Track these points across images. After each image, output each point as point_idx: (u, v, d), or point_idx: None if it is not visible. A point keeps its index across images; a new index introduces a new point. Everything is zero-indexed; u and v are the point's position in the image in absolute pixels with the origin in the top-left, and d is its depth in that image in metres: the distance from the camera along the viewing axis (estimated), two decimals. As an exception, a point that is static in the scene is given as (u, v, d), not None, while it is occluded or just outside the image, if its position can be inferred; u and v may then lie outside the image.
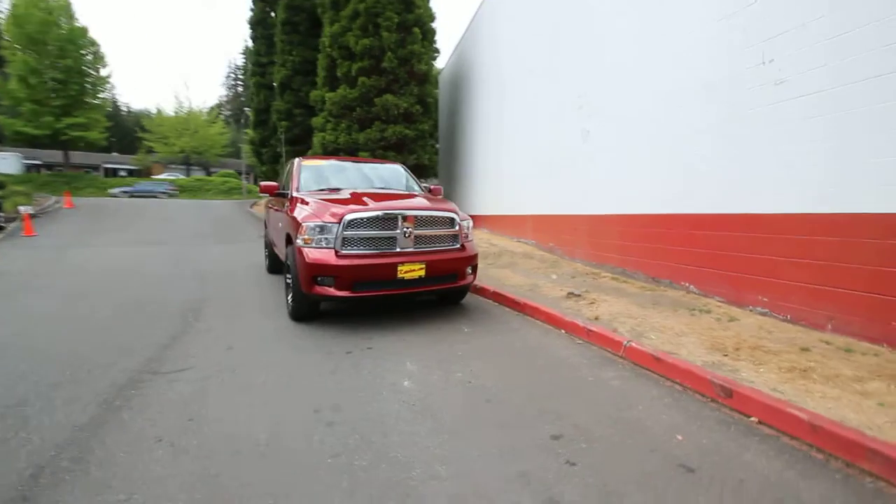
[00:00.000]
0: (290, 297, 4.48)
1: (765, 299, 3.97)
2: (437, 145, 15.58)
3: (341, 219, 3.92)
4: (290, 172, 5.63)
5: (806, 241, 3.63)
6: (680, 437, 2.23)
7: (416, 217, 4.16)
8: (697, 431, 2.30)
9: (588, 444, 2.17)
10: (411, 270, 4.04)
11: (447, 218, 4.35)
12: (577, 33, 7.06)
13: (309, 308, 4.25)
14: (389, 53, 12.32)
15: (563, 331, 4.01)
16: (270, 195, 5.18)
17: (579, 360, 3.31)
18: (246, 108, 47.90)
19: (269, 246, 6.92)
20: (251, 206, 22.86)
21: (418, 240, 4.18)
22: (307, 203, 4.45)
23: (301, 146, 15.89)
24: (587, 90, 6.81)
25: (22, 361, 3.23)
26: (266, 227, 7.16)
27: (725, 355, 3.20)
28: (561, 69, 7.51)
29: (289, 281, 4.50)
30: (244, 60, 60.43)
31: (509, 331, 4.08)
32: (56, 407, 2.54)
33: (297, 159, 5.56)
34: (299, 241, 4.04)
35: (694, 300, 4.57)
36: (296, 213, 4.35)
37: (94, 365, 3.18)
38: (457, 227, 4.41)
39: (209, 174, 38.42)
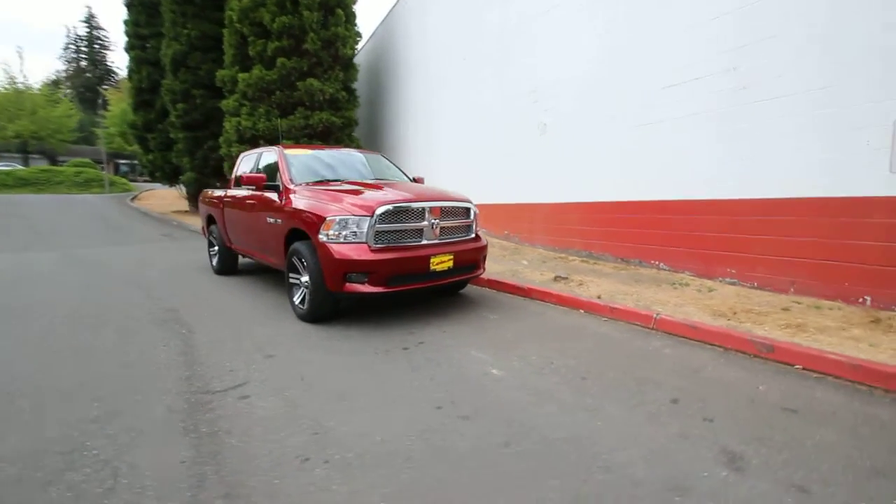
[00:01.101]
0: (297, 298, 4.16)
1: (733, 271, 4.73)
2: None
3: (373, 211, 3.74)
4: (267, 163, 5.14)
5: (767, 222, 4.42)
6: (762, 388, 2.66)
7: (441, 208, 4.13)
8: (769, 382, 2.75)
9: (704, 403, 2.48)
10: (442, 262, 4.03)
11: (465, 208, 4.39)
12: (530, 24, 7.44)
13: (330, 308, 3.99)
14: (312, 34, 11.59)
15: (581, 311, 4.33)
16: (257, 186, 4.66)
17: (622, 336, 3.65)
18: (104, 87, 40.89)
19: (219, 244, 6.21)
20: (131, 199, 19.87)
21: (443, 231, 4.16)
22: (314, 195, 4.14)
23: (202, 131, 14.19)
24: (540, 85, 7.24)
25: (36, 403, 2.58)
26: (216, 224, 6.40)
27: (729, 319, 3.79)
28: (512, 62, 7.84)
29: (296, 280, 4.16)
30: (89, 29, 51.27)
31: (533, 314, 4.28)
32: (139, 447, 2.12)
33: (277, 148, 5.08)
34: (323, 237, 3.77)
35: (669, 276, 5.25)
36: (307, 207, 4.02)
37: (126, 391, 2.67)
38: (471, 218, 4.47)
39: (56, 164, 32.19)
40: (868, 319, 3.50)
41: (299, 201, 4.19)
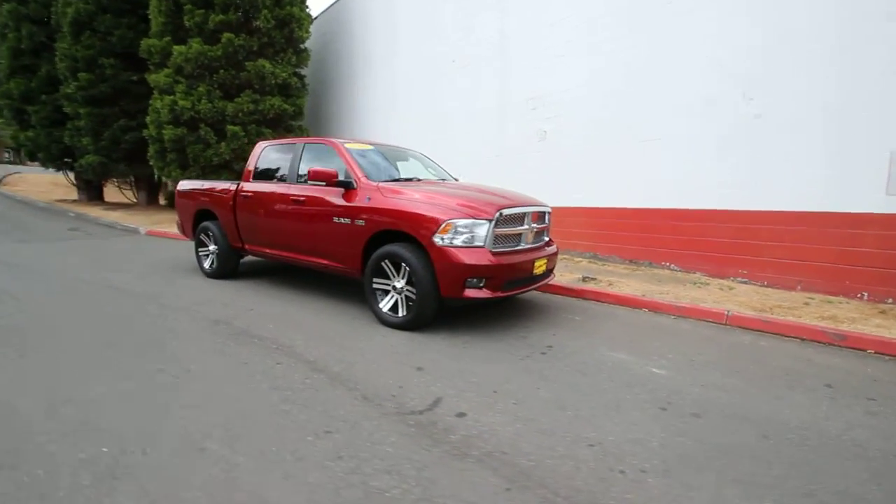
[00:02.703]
0: (385, 306, 3.93)
1: (745, 271, 5.54)
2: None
3: (493, 215, 3.69)
4: (313, 156, 4.69)
5: (776, 230, 5.27)
6: (870, 370, 3.24)
7: (537, 213, 4.20)
8: (861, 365, 3.35)
9: (851, 386, 2.96)
10: (540, 266, 4.11)
11: (548, 213, 4.50)
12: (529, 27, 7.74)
13: (433, 315, 3.82)
14: (266, 11, 10.59)
15: (644, 310, 4.73)
16: (329, 182, 4.21)
17: (709, 332, 4.07)
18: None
19: (221, 245, 5.48)
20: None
21: (535, 235, 4.23)
22: (415, 195, 3.92)
23: (111, 108, 12.06)
24: (541, 94, 7.59)
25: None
26: (214, 221, 5.61)
27: (766, 313, 4.47)
28: (511, 68, 8.07)
29: (384, 286, 3.92)
30: None
31: (609, 315, 4.54)
32: (436, 485, 1.90)
33: (333, 140, 4.65)
34: (439, 240, 3.60)
35: (685, 276, 5.93)
36: (411, 208, 3.79)
37: (327, 425, 2.33)
38: (548, 223, 4.60)
39: None
40: (876, 311, 4.41)
41: (392, 201, 3.92)
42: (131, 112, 12.13)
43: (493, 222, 3.68)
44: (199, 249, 5.92)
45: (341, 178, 4.25)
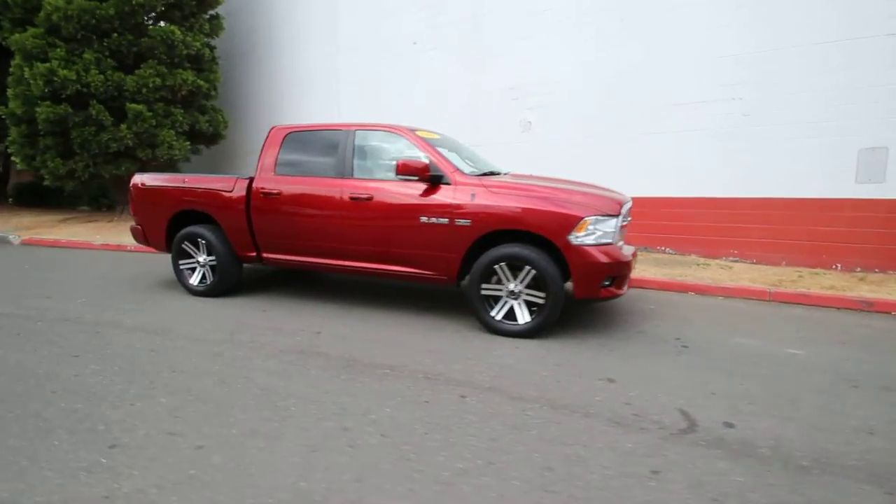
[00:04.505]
0: (499, 313, 3.58)
1: (735, 252, 6.28)
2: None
3: (620, 210, 3.56)
4: (368, 146, 4.03)
5: (763, 215, 6.07)
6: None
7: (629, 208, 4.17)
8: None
9: (930, 346, 3.54)
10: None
11: (626, 206, 4.50)
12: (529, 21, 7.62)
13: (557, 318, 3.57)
14: (174, -35, 8.69)
15: (691, 293, 5.06)
16: (422, 176, 3.58)
17: (764, 310, 4.52)
18: None
19: (222, 255, 4.43)
20: None
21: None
22: (528, 190, 3.57)
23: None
24: (524, 83, 7.58)
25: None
26: (210, 227, 4.49)
27: (777, 286, 5.15)
28: (489, 53, 7.87)
29: (496, 292, 3.56)
30: None
31: (668, 301, 4.74)
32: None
33: (404, 127, 3.99)
34: (574, 238, 3.36)
35: (683, 258, 6.50)
36: (535, 205, 3.44)
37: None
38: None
39: None
40: (857, 278, 5.37)
41: (511, 198, 3.51)
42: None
43: (620, 217, 3.56)
44: (181, 262, 4.67)
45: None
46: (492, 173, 4.18)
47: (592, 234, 3.40)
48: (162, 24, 9.26)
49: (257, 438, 2.11)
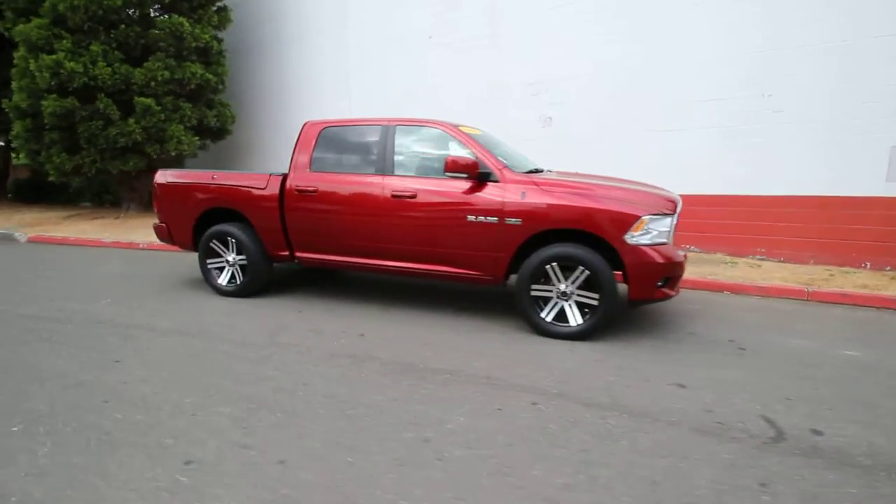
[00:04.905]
0: (549, 314, 3.49)
1: (763, 250, 6.23)
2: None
3: (674, 209, 3.47)
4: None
5: (790, 213, 6.02)
6: (966, 330, 3.89)
7: (676, 205, 4.09)
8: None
9: None
10: (680, 260, 4.03)
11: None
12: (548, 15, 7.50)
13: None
14: (182, -45, 8.46)
15: (726, 292, 5.01)
16: (471, 174, 3.47)
17: (801, 310, 4.47)
18: None
19: (252, 254, 4.30)
20: None
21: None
22: (582, 189, 3.47)
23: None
24: (545, 79, 7.47)
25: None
26: (239, 225, 4.35)
27: (812, 286, 5.12)
28: (505, 47, 7.74)
29: (546, 293, 3.46)
30: None
31: (708, 301, 4.69)
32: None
33: (449, 124, 3.88)
34: (631, 238, 3.27)
35: (709, 257, 6.44)
36: (591, 204, 3.34)
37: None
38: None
39: None
40: (889, 277, 5.35)
41: (566, 197, 3.40)
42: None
43: (675, 216, 3.48)
44: (209, 261, 4.52)
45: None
46: (536, 171, 4.08)
47: (648, 234, 3.31)
48: (168, 15, 9.01)
49: (341, 451, 2.01)
